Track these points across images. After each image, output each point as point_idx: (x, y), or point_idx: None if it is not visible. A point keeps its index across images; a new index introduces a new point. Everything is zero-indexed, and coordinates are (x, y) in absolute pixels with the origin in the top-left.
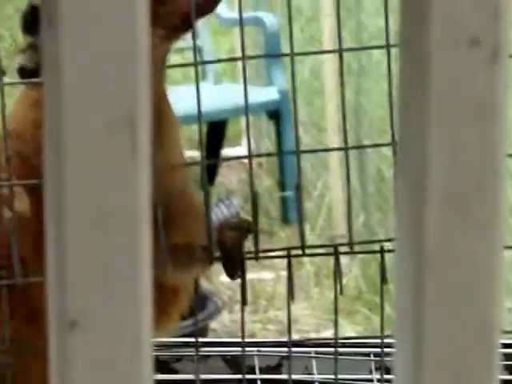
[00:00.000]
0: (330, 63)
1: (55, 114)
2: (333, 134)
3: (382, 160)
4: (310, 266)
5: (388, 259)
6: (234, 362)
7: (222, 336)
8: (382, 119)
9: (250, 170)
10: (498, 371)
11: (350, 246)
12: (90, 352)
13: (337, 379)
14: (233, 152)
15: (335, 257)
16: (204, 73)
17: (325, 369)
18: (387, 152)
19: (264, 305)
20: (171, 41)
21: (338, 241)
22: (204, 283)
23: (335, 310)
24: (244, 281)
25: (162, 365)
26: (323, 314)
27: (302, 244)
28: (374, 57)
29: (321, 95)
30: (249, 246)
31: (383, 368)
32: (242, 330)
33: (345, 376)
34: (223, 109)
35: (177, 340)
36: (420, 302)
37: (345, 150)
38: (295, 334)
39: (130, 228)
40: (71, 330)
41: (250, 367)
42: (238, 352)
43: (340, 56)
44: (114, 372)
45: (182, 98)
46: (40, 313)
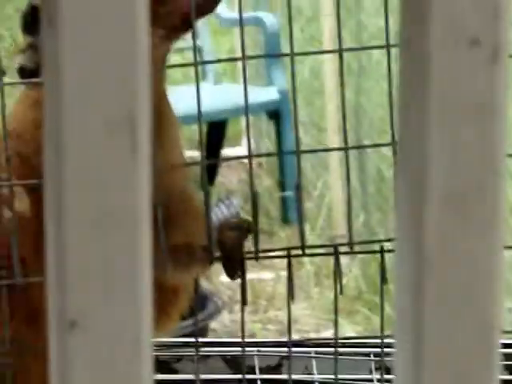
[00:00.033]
0: (329, 63)
1: (55, 114)
2: (333, 134)
3: (381, 160)
4: (309, 266)
5: (388, 259)
6: (234, 362)
7: (221, 336)
8: (382, 119)
9: (250, 170)
10: (498, 371)
11: (350, 245)
12: (90, 352)
13: (337, 379)
14: (233, 152)
15: (335, 257)
16: (204, 73)
17: (325, 369)
18: (387, 152)
19: (264, 305)
20: (171, 41)
21: (337, 241)
22: (204, 283)
23: (335, 309)
24: (244, 281)
25: (162, 365)
26: (323, 314)
27: (302, 244)
28: (374, 57)
29: (321, 95)
30: (249, 245)
31: (383, 368)
32: (242, 329)
33: (345, 376)
34: (223, 109)
35: (177, 340)
36: (420, 302)
37: (345, 150)
38: (295, 334)
39: (130, 228)
40: (71, 329)
41: (250, 367)
42: (238, 352)
43: (340, 56)
44: (114, 372)
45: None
46: (40, 313)
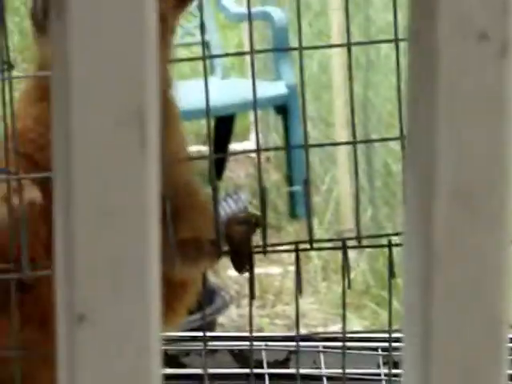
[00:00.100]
0: (338, 57)
1: (64, 109)
2: (341, 129)
3: (389, 154)
4: (317, 261)
5: (396, 253)
6: (241, 357)
7: (229, 330)
8: (390, 113)
9: (258, 165)
10: (505, 366)
11: (358, 240)
12: (99, 346)
13: (344, 373)
14: (241, 147)
15: (343, 251)
16: (212, 67)
17: (332, 363)
18: (395, 146)
19: (272, 300)
20: (180, 11)
21: (345, 235)
22: (212, 278)
23: (343, 304)
24: (252, 275)
25: (170, 359)
26: (331, 308)
27: (310, 238)
28: (383, 51)
29: (329, 90)
30: (257, 240)
31: (391, 362)
32: (250, 324)
33: (352, 370)
34: (231, 103)
35: (185, 334)
36: (428, 297)
37: (353, 143)
38: (303, 329)
39: (139, 222)
40: (79, 323)
41: (258, 361)
42: (246, 346)
43: (348, 50)
44: (122, 366)
45: (190, 93)
46: (49, 316)
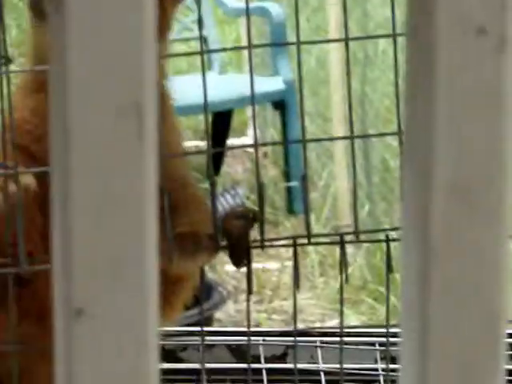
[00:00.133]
0: (335, 53)
1: (62, 101)
2: (338, 124)
3: (387, 150)
4: (315, 256)
5: (393, 248)
6: (239, 351)
7: (227, 326)
8: (388, 109)
9: (256, 159)
10: (503, 361)
11: (356, 234)
12: (96, 340)
13: (342, 368)
14: (238, 142)
15: (341, 246)
16: (210, 62)
17: (330, 358)
18: (392, 141)
19: (269, 295)
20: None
21: (343, 230)
22: (209, 273)
23: (341, 299)
24: (250, 270)
25: (167, 354)
26: (328, 303)
27: (308, 233)
28: (381, 46)
29: (326, 85)
30: (254, 235)
31: (388, 358)
32: (248, 318)
33: (350, 365)
34: (229, 98)
35: (182, 329)
36: (426, 292)
37: (350, 138)
38: (300, 324)
39: (137, 215)
40: (77, 318)
41: (255, 356)
42: (244, 341)
43: (346, 45)
44: (119, 361)
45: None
46: (47, 310)
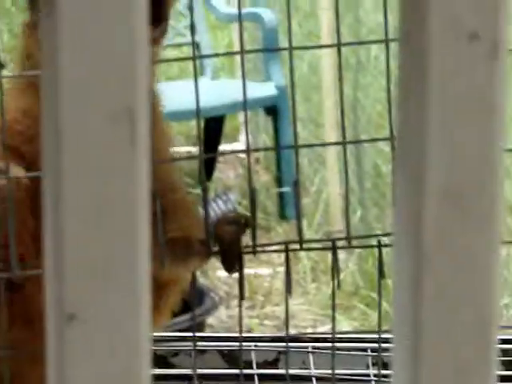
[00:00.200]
0: (327, 58)
1: (54, 107)
2: (330, 130)
3: (379, 155)
4: (307, 262)
5: (385, 254)
6: (231, 357)
7: (219, 331)
8: (380, 114)
9: (248, 165)
10: (495, 367)
11: (348, 240)
12: (88, 345)
13: (334, 374)
14: (230, 148)
15: (333, 251)
16: (202, 68)
17: (322, 364)
18: (384, 147)
19: (261, 300)
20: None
21: (335, 236)
22: (201, 279)
23: (332, 305)
24: (241, 275)
25: (159, 359)
26: (320, 309)
27: (300, 238)
28: (373, 52)
29: (318, 91)
30: (246, 240)
31: (380, 363)
32: (240, 324)
33: (342, 371)
34: (221, 104)
35: (174, 334)
36: (418, 297)
37: (342, 144)
38: (292, 330)
39: (129, 221)
40: (69, 323)
41: (247, 362)
42: (236, 347)
43: (338, 51)
44: (112, 365)
45: (180, 94)
46: (38, 316)
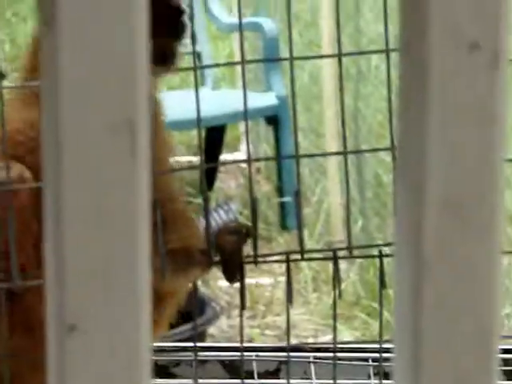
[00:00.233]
0: (328, 68)
1: (54, 118)
2: (331, 140)
3: (380, 165)
4: (308, 271)
5: (386, 264)
6: (232, 367)
7: (220, 341)
8: (381, 124)
9: (249, 175)
10: (496, 376)
11: (349, 250)
12: (89, 356)
13: None
14: (231, 158)
15: (334, 261)
16: (203, 78)
17: (323, 374)
18: (385, 157)
19: (262, 310)
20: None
21: (336, 246)
22: (202, 288)
23: (334, 315)
24: (243, 285)
25: (160, 369)
26: (321, 319)
27: (301, 249)
28: (373, 62)
29: (319, 100)
30: (248, 250)
31: (382, 373)
32: (241, 334)
33: (343, 381)
34: (222, 114)
35: (175, 345)
36: (419, 307)
37: (343, 154)
38: (293, 340)
39: (130, 231)
40: (70, 333)
41: (249, 372)
42: (237, 357)
43: (339, 60)
44: (112, 376)
45: (181, 103)
46: (38, 324)
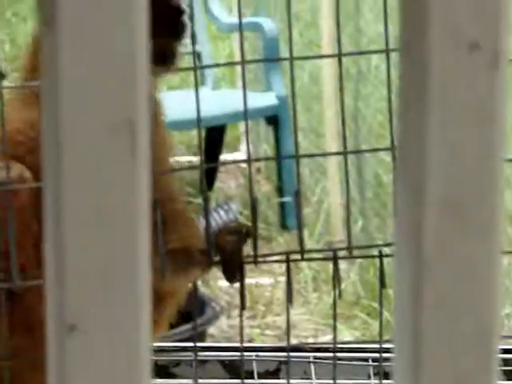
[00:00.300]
0: (328, 68)
1: (54, 118)
2: (331, 140)
3: (380, 165)
4: (308, 271)
5: (386, 264)
6: (232, 367)
7: (220, 341)
8: (381, 124)
9: (249, 175)
10: (496, 376)
11: (349, 250)
12: (89, 356)
13: None
14: (231, 157)
15: (334, 261)
16: (203, 78)
17: (323, 374)
18: (385, 157)
19: (262, 310)
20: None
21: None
22: (202, 288)
23: (334, 314)
24: (243, 285)
25: (160, 369)
26: (321, 319)
27: (301, 249)
28: (373, 62)
29: (319, 100)
30: (248, 250)
31: (382, 373)
32: (241, 334)
33: (343, 381)
34: (222, 114)
35: (175, 345)
36: (419, 307)
37: (343, 154)
38: (293, 340)
39: (130, 231)
40: (70, 333)
41: (249, 372)
42: (237, 357)
43: (339, 60)
44: (112, 376)
45: (181, 103)
46: (38, 323)
